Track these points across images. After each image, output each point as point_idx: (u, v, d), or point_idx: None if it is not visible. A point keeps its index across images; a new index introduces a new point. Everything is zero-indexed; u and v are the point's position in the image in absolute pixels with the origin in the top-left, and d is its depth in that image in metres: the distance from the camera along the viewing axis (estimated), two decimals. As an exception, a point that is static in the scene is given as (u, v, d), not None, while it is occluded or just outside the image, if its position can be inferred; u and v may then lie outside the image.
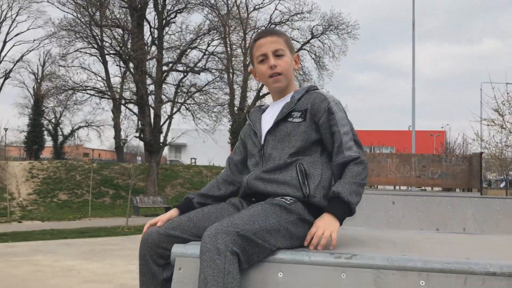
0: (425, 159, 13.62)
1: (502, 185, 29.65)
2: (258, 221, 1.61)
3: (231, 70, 30.67)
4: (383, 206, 5.50)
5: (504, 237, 2.10)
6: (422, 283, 1.44)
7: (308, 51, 34.53)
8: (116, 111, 33.52)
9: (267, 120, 2.01)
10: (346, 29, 33.06)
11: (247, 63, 34.45)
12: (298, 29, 34.44)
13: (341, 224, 1.74)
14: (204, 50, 25.18)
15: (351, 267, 1.49)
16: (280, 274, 1.53)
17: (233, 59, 30.30)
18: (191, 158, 47.50)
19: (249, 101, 35.28)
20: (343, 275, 1.48)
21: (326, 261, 1.52)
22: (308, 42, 34.40)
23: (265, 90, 35.85)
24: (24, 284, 7.96)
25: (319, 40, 34.14)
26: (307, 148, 1.89)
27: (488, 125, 18.81)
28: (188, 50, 25.15)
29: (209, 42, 25.30)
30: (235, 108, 34.19)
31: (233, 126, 33.53)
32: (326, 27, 33.58)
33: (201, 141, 40.44)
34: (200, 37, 25.19)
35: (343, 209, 1.75)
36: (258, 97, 35.00)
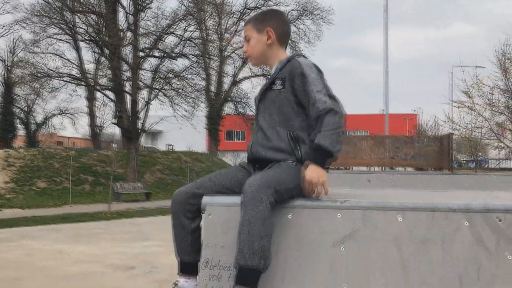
0: (398, 141, 14.19)
1: (472, 165, 30.77)
2: (285, 180, 1.98)
3: (207, 56, 30.78)
4: (360, 184, 5.96)
5: (466, 192, 2.52)
6: (400, 218, 1.86)
7: (283, 36, 34.84)
8: (91, 98, 33.29)
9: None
10: (321, 15, 33.49)
11: (223, 48, 34.61)
12: (273, 14, 34.65)
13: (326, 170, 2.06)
14: (180, 36, 25.20)
15: (344, 209, 1.90)
16: (290, 215, 1.93)
17: (209, 44, 30.41)
18: (168, 145, 47.49)
19: (225, 86, 35.51)
20: (339, 215, 1.89)
21: (325, 204, 1.93)
22: (283, 27, 34.70)
23: (241, 75, 36.11)
24: (18, 265, 8.21)
25: (294, 26, 34.46)
26: (295, 112, 2.20)
27: (458, 107, 19.59)
28: (164, 36, 25.14)
29: (186, 27, 25.35)
30: (212, 94, 34.38)
31: (210, 112, 33.76)
32: (301, 12, 33.94)
33: (177, 127, 40.49)
34: (176, 23, 25.19)
35: (326, 159, 2.04)
36: (234, 82, 35.25)
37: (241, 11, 34.32)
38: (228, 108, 36.08)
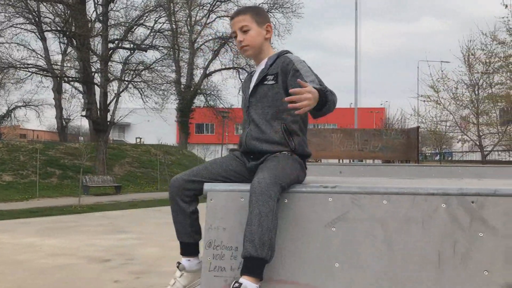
0: (367, 134, 14.61)
1: (437, 158, 31.76)
2: (288, 174, 2.15)
3: (176, 48, 30.59)
4: (332, 175, 6.20)
5: (440, 180, 2.75)
6: (385, 202, 2.05)
7: (254, 29, 34.98)
8: (59, 90, 32.57)
9: (251, 86, 2.49)
10: (291, 8, 33.70)
11: (193, 40, 34.44)
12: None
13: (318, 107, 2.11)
14: (150, 28, 24.96)
15: (335, 193, 2.08)
16: (286, 200, 2.10)
17: (180, 36, 30.20)
18: (137, 138, 47.00)
19: (196, 79, 35.39)
20: (330, 199, 2.07)
21: (317, 190, 2.10)
22: (253, 20, 34.83)
23: (212, 68, 36.06)
24: (-10, 259, 8.10)
25: (265, 19, 34.64)
26: (287, 107, 2.27)
27: (424, 101, 20.20)
28: (135, 27, 24.83)
29: (156, 19, 25.11)
30: (182, 86, 34.21)
31: (181, 104, 33.59)
32: (272, 5, 34.06)
33: (146, 120, 40.08)
34: (147, 14, 24.91)
35: (323, 97, 2.10)
36: (205, 74, 35.17)
37: (211, 3, 34.23)
38: (199, 101, 36.00)
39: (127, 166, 26.11)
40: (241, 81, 35.52)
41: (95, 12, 25.16)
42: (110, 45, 24.31)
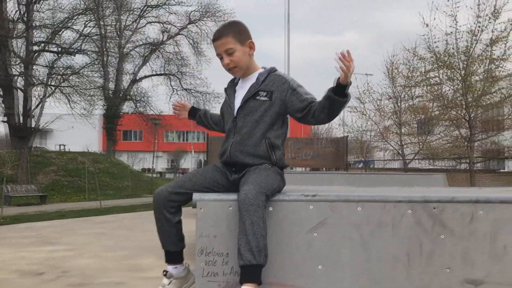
0: (299, 142, 15.12)
1: (360, 165, 33.29)
2: (271, 184, 2.30)
3: (105, 52, 29.75)
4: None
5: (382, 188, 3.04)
6: (359, 208, 2.27)
7: (185, 36, 34.86)
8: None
9: (239, 97, 2.59)
10: (223, 17, 33.92)
11: (122, 45, 33.64)
12: (175, 13, 34.48)
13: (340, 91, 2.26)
14: (79, 31, 24.09)
15: (315, 201, 2.26)
16: (271, 208, 2.25)
17: (108, 41, 29.40)
18: (60, 145, 44.89)
19: (125, 84, 34.55)
20: (311, 206, 2.25)
21: (299, 198, 2.28)
22: (185, 27, 34.68)
23: (141, 74, 35.36)
24: None
25: (196, 26, 34.63)
26: (273, 122, 2.50)
27: (351, 111, 21.21)
28: (62, 30, 23.85)
29: (86, 22, 24.28)
30: (110, 92, 33.25)
31: (109, 110, 32.59)
32: (203, 13, 34.15)
33: (69, 126, 38.41)
34: (74, 17, 24.02)
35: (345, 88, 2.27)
36: (134, 80, 34.43)
37: (141, 9, 33.66)
38: (127, 107, 35.12)
39: (52, 174, 24.85)
40: (172, 87, 35.31)
41: (17, 12, 23.86)
42: (35, 48, 23.15)
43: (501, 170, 20.48)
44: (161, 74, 34.99)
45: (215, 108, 36.69)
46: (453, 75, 15.70)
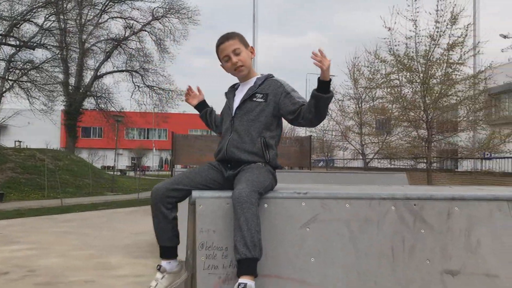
0: (264, 141, 15.31)
1: (320, 164, 33.92)
2: (263, 182, 2.44)
3: (64, 47, 29.01)
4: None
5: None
6: (347, 205, 2.43)
7: (148, 32, 34.45)
8: None
9: (238, 99, 2.76)
10: (187, 14, 33.76)
11: (83, 40, 32.87)
12: (138, 9, 34.03)
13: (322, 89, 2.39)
14: (39, 25, 23.38)
15: (307, 198, 2.41)
16: (266, 205, 2.37)
17: (69, 35, 28.68)
18: (16, 141, 43.40)
19: (87, 80, 33.79)
20: (303, 203, 2.39)
21: (292, 195, 2.42)
22: (149, 23, 34.26)
23: (103, 70, 34.67)
24: None
25: (160, 23, 34.29)
26: (268, 123, 2.66)
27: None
28: (21, 23, 23.08)
29: (46, 16, 23.57)
30: (71, 88, 32.46)
31: (70, 107, 31.80)
32: (167, 10, 33.85)
33: (24, 122, 37.18)
34: (34, 10, 23.30)
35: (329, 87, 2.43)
36: (96, 76, 33.73)
37: (104, 3, 33.00)
38: (88, 103, 34.37)
39: (8, 172, 24.02)
40: (134, 84, 34.79)
41: (-28, 3, 22.94)
42: (-8, 40, 22.33)
43: (456, 170, 21.37)
44: (123, 71, 34.45)
45: (179, 106, 36.52)
46: (413, 78, 16.26)
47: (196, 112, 3.14)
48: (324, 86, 2.42)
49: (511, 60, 22.95)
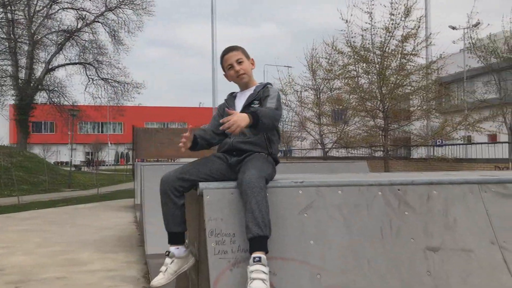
0: (227, 133, 15.48)
1: (279, 154, 34.34)
2: (267, 170, 2.65)
3: (13, 39, 27.92)
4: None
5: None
6: (339, 192, 2.65)
7: (102, 23, 33.61)
8: None
9: (239, 105, 2.97)
10: (141, 5, 33.16)
11: (32, 32, 31.68)
12: (90, 0, 33.11)
13: (251, 126, 2.56)
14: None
15: (303, 187, 2.61)
16: (268, 194, 2.55)
17: (18, 27, 27.60)
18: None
19: (38, 73, 32.63)
20: (300, 191, 2.60)
21: (290, 184, 2.62)
22: (102, 14, 33.40)
23: (55, 63, 33.56)
24: None
25: (114, 14, 33.49)
26: None
27: (274, 102, 21.86)
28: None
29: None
30: (21, 81, 31.29)
31: (21, 101, 30.64)
32: (121, 1, 33.10)
33: (-30, 117, 35.55)
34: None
35: (255, 119, 2.59)
36: (48, 69, 32.64)
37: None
38: (40, 97, 33.23)
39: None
40: (88, 77, 33.95)
41: None
42: None
43: (411, 157, 22.27)
44: (76, 63, 33.50)
45: (135, 99, 35.95)
46: (369, 69, 16.81)
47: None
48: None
49: (462, 50, 24.07)
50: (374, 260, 2.54)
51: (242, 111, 2.87)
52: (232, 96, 3.11)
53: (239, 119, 2.54)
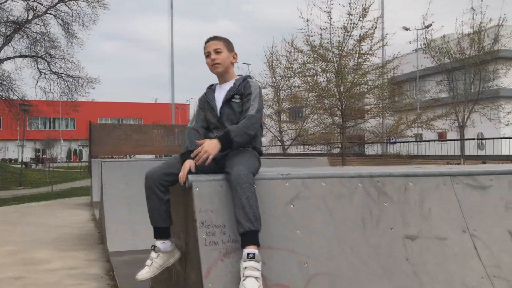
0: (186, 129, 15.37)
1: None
2: (254, 164, 2.69)
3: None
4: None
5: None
6: (323, 183, 2.74)
7: (54, 15, 32.43)
8: None
9: (220, 99, 2.97)
10: (95, -3, 32.20)
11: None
12: (42, -9, 31.87)
13: (223, 150, 2.67)
14: None
15: (289, 179, 2.69)
16: (255, 186, 2.60)
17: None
18: None
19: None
20: (286, 183, 2.67)
21: (276, 176, 2.69)
22: (54, 6, 32.23)
23: (3, 55, 32.10)
24: None
25: (67, 6, 32.39)
26: None
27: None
28: None
29: None
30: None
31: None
32: (75, -7, 32.07)
33: None
34: None
35: (227, 142, 2.70)
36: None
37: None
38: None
39: None
40: (39, 71, 32.69)
41: None
42: None
43: (367, 154, 22.89)
44: (26, 56, 32.17)
45: (89, 94, 34.99)
46: (328, 67, 17.13)
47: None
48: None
49: (415, 50, 24.92)
50: (357, 247, 2.65)
51: (222, 106, 2.93)
52: (212, 89, 3.09)
53: (209, 148, 2.61)
